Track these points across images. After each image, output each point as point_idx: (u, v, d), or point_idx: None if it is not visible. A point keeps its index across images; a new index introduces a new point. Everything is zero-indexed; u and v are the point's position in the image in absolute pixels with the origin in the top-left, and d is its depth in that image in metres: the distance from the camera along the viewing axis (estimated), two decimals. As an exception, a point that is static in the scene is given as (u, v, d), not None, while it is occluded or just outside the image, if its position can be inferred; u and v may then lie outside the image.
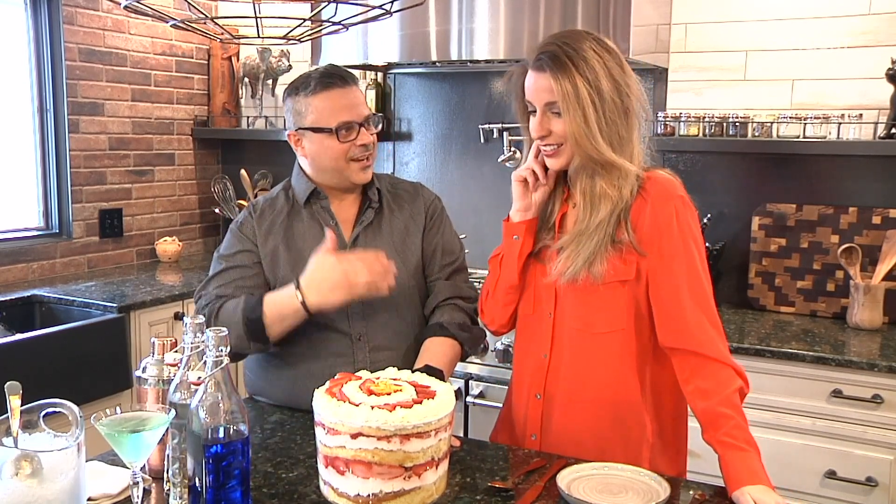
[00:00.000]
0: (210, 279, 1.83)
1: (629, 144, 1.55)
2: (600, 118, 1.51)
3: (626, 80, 1.54)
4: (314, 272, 1.68)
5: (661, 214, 1.53)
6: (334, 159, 1.79)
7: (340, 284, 1.65)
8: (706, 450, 1.47)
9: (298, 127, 1.80)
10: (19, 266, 3.21)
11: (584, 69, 1.50)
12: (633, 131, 1.55)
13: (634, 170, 1.54)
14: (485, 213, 3.42)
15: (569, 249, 1.57)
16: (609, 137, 1.52)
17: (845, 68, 2.77)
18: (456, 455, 1.54)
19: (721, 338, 1.52)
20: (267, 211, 1.87)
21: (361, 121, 1.79)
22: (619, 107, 1.52)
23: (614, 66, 1.53)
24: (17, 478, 1.14)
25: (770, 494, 1.37)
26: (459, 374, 2.80)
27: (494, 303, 1.74)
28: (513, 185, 1.66)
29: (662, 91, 3.05)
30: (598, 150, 1.51)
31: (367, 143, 1.80)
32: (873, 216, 2.74)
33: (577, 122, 1.50)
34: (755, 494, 1.36)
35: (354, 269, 1.65)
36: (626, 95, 1.53)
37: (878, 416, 2.31)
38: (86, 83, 3.38)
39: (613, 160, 1.52)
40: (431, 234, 1.90)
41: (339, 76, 1.79)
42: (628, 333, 1.58)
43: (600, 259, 1.53)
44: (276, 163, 3.86)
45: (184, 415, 1.27)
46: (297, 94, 1.80)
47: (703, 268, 1.55)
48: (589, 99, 1.50)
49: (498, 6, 2.78)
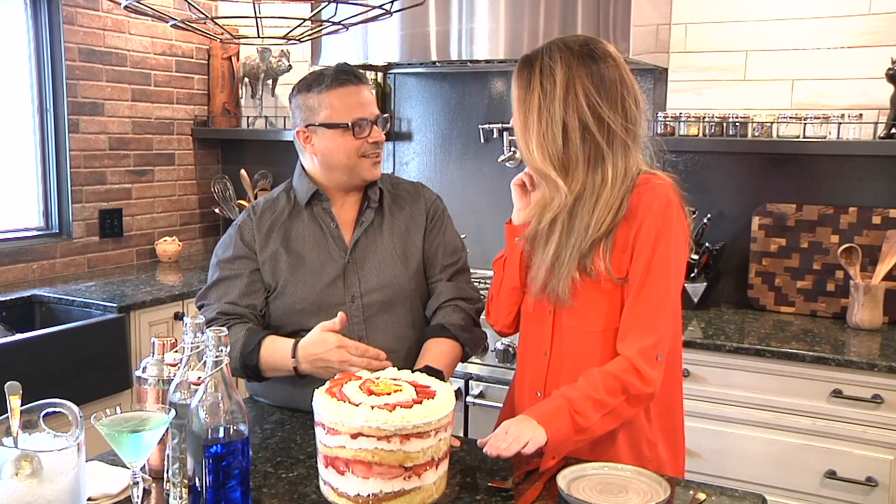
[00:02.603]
0: (210, 287, 1.84)
1: (581, 166, 1.54)
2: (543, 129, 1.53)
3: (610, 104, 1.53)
4: (313, 346, 1.67)
5: (641, 228, 1.53)
6: (347, 155, 1.79)
7: (333, 368, 1.65)
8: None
9: (309, 123, 1.80)
10: (19, 266, 3.21)
11: (544, 79, 1.54)
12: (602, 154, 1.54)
13: (564, 189, 1.53)
14: (485, 213, 3.42)
15: (534, 267, 1.61)
16: (550, 151, 1.54)
17: (845, 68, 2.77)
18: (456, 455, 1.54)
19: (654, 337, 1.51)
20: (267, 212, 1.87)
21: (374, 119, 1.80)
22: (576, 129, 1.52)
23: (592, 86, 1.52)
24: (17, 478, 1.14)
25: (519, 423, 1.45)
26: (459, 374, 2.80)
27: (499, 304, 1.75)
28: (512, 189, 1.70)
29: (662, 91, 3.05)
30: (531, 154, 1.55)
31: (379, 141, 1.81)
32: (873, 216, 2.74)
33: (518, 126, 1.58)
34: (510, 422, 1.47)
35: (350, 360, 1.63)
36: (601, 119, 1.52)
37: (878, 416, 2.31)
38: (86, 83, 3.38)
39: (547, 171, 1.54)
40: (433, 234, 1.90)
41: (353, 74, 1.81)
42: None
43: (565, 278, 1.55)
44: (277, 163, 3.86)
45: (184, 415, 1.27)
46: (310, 90, 1.80)
47: (676, 273, 1.55)
48: (537, 108, 1.54)
49: (498, 6, 2.78)
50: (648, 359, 1.50)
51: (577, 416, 1.46)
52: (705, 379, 2.48)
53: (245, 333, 1.74)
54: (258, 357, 1.72)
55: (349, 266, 1.82)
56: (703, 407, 2.47)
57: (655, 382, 1.51)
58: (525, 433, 1.43)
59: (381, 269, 1.83)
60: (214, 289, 1.83)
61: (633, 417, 1.57)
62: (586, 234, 1.54)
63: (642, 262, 1.52)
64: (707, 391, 2.48)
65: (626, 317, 1.54)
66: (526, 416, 1.48)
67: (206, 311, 1.80)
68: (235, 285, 1.81)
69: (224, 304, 1.79)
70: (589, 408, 1.47)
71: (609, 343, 1.58)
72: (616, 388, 1.49)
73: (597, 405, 1.48)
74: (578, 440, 1.48)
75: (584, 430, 1.47)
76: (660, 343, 1.52)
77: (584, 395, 1.48)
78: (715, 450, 2.45)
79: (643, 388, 1.49)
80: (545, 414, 1.47)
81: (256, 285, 1.81)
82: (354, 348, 1.64)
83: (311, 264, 1.81)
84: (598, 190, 1.54)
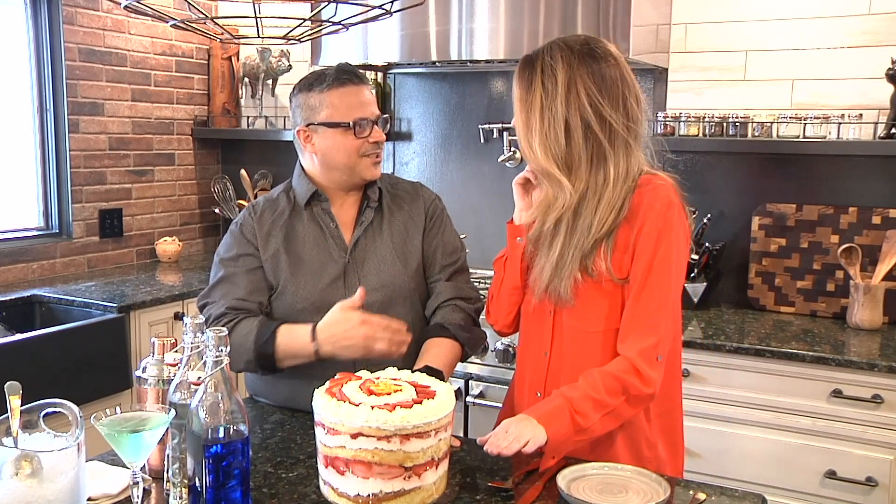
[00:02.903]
0: (214, 286, 1.83)
1: (584, 165, 1.54)
2: (545, 129, 1.53)
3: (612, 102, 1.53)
4: (335, 325, 1.67)
5: (643, 228, 1.53)
6: (347, 154, 1.79)
7: (358, 345, 1.66)
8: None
9: (310, 122, 1.80)
10: (19, 266, 3.21)
11: (546, 79, 1.54)
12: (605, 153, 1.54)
13: (568, 187, 1.53)
14: (485, 213, 3.42)
15: (536, 267, 1.61)
16: (553, 150, 1.54)
17: (845, 68, 2.77)
18: (456, 455, 1.54)
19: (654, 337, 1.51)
20: (267, 212, 1.87)
21: (374, 119, 1.81)
22: (578, 128, 1.52)
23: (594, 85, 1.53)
24: (17, 478, 1.14)
25: (520, 422, 1.45)
26: (459, 374, 2.80)
27: (499, 304, 1.75)
28: (513, 189, 1.70)
29: (662, 91, 3.05)
30: (534, 154, 1.55)
31: (379, 141, 1.81)
32: (873, 216, 2.74)
33: (520, 126, 1.58)
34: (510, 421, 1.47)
35: (375, 334, 1.65)
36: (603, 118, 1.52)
37: (878, 416, 2.31)
38: (86, 83, 3.38)
39: (551, 170, 1.54)
40: (432, 234, 1.90)
41: (354, 74, 1.81)
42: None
43: (568, 278, 1.55)
44: (276, 163, 3.86)
45: (184, 415, 1.27)
46: (311, 89, 1.80)
47: (677, 274, 1.55)
48: (539, 107, 1.54)
49: (498, 6, 2.78)
50: (649, 359, 1.50)
51: (577, 416, 1.46)
52: (705, 379, 2.48)
53: (258, 325, 1.73)
54: (274, 346, 1.70)
55: (349, 266, 1.82)
56: (703, 407, 2.47)
57: (656, 383, 1.51)
58: (525, 432, 1.43)
59: (381, 269, 1.83)
60: (219, 287, 1.82)
61: (633, 418, 1.57)
62: (589, 234, 1.54)
63: (643, 262, 1.52)
64: (707, 391, 2.48)
65: (627, 317, 1.54)
66: (526, 416, 1.48)
67: (213, 308, 1.79)
68: (241, 282, 1.80)
69: (232, 300, 1.78)
70: (589, 408, 1.47)
71: (609, 344, 1.58)
72: (616, 389, 1.49)
73: (597, 405, 1.48)
74: (578, 440, 1.48)
75: (585, 430, 1.47)
76: (660, 344, 1.52)
77: (584, 395, 1.48)
78: (715, 450, 2.45)
79: (643, 388, 1.50)
80: (545, 413, 1.47)
81: (262, 283, 1.81)
82: (378, 323, 1.66)
83: (311, 264, 1.81)
84: (600, 189, 1.54)
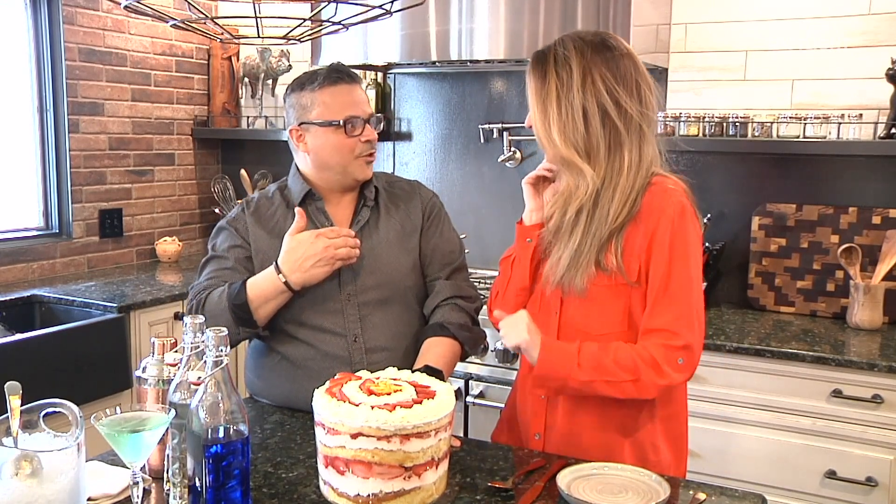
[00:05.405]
0: (202, 266, 1.86)
1: (602, 151, 1.55)
2: (564, 118, 1.54)
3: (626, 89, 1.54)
4: (292, 252, 1.71)
5: (656, 234, 1.53)
6: (339, 153, 1.79)
7: (322, 258, 1.70)
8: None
9: (302, 121, 1.81)
10: (19, 266, 3.21)
11: (560, 69, 1.54)
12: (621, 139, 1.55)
13: (590, 173, 1.54)
14: (485, 213, 3.42)
15: (553, 257, 1.61)
16: (573, 138, 1.54)
17: (845, 68, 2.77)
18: (456, 455, 1.54)
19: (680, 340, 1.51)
20: (261, 208, 1.88)
21: (366, 118, 1.81)
22: (596, 114, 1.53)
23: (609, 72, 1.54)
24: (17, 478, 1.14)
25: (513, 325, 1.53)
26: (459, 374, 2.80)
27: (504, 303, 1.73)
28: (524, 188, 1.69)
29: (662, 91, 3.05)
30: (553, 144, 1.55)
31: (371, 140, 1.82)
32: (873, 216, 2.74)
33: (537, 118, 1.58)
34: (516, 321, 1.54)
35: (333, 243, 1.71)
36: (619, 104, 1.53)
37: (878, 416, 2.31)
38: (86, 83, 3.38)
39: (572, 159, 1.54)
40: (430, 233, 1.90)
41: (346, 73, 1.82)
42: (623, 336, 1.57)
43: (584, 269, 1.55)
44: (276, 163, 3.86)
45: (184, 415, 1.27)
46: (303, 89, 1.80)
47: (696, 273, 1.55)
48: (555, 97, 1.54)
49: (498, 6, 2.78)
50: (670, 358, 1.50)
51: (578, 367, 1.49)
52: (706, 379, 2.48)
53: (228, 284, 1.76)
54: (246, 294, 1.72)
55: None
56: (704, 407, 2.47)
57: (670, 380, 1.50)
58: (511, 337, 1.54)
59: (378, 268, 1.83)
60: (207, 265, 1.85)
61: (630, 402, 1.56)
62: (606, 224, 1.54)
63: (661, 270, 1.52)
64: (707, 391, 2.48)
65: (649, 322, 1.54)
66: (536, 331, 1.53)
67: (193, 291, 1.81)
68: (227, 264, 1.83)
69: (218, 271, 1.82)
70: (593, 366, 1.50)
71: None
72: (629, 367, 1.49)
73: (601, 369, 1.49)
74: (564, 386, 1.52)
75: (574, 380, 1.50)
76: (687, 349, 1.51)
77: (596, 353, 1.50)
78: (715, 450, 2.45)
79: (657, 379, 1.49)
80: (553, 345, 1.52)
81: (248, 273, 1.82)
82: (330, 231, 1.73)
83: None
84: (615, 178, 1.55)
